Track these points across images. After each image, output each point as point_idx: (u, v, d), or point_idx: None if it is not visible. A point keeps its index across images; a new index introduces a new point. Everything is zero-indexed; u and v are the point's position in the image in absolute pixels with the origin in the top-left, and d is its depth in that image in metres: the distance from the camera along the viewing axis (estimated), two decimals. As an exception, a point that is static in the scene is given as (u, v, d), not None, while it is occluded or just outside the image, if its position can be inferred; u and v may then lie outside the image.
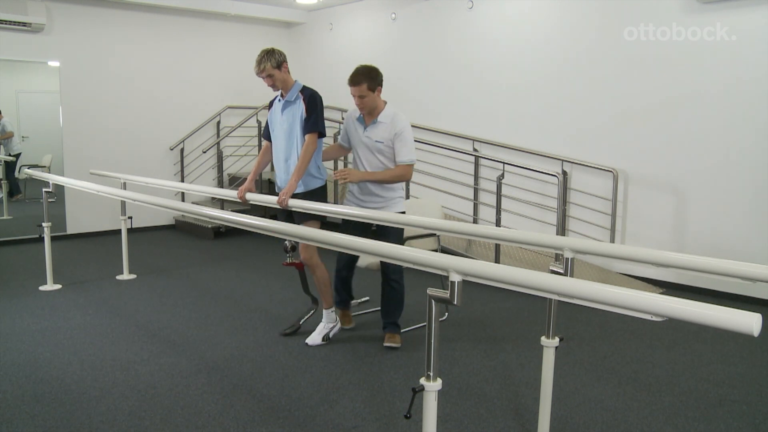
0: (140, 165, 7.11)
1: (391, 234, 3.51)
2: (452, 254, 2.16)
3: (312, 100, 3.50)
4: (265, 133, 3.78)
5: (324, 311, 3.72)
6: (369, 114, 3.58)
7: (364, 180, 3.51)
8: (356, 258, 3.78)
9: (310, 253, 3.59)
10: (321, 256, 3.63)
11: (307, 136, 3.47)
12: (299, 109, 3.50)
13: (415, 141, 5.98)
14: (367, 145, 3.56)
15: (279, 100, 3.61)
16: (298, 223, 3.41)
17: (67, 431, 2.64)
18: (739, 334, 1.32)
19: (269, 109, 3.72)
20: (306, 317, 3.89)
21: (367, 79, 3.49)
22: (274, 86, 3.53)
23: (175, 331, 3.93)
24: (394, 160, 3.52)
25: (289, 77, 3.54)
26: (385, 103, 3.63)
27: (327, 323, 3.70)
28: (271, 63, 3.44)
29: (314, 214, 3.43)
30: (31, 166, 7.01)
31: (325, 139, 3.67)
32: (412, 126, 6.50)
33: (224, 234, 7.12)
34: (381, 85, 3.57)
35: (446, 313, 4.17)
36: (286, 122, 3.54)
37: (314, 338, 3.67)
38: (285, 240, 3.46)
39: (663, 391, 3.08)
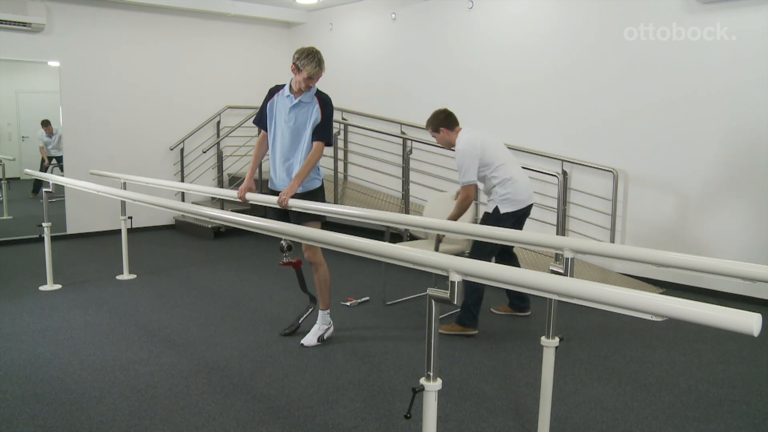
0: (140, 165, 7.11)
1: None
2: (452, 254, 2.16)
3: (328, 107, 3.48)
4: (259, 121, 3.66)
5: (320, 312, 3.71)
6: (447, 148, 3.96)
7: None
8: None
9: (314, 251, 3.59)
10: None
11: (316, 144, 3.45)
12: (313, 112, 3.45)
13: (415, 141, 6.05)
14: None
15: (288, 95, 3.51)
16: (298, 224, 3.40)
17: (67, 431, 2.64)
18: (739, 334, 1.32)
19: (269, 99, 3.61)
20: (305, 316, 3.89)
21: (429, 124, 3.88)
22: (308, 88, 3.45)
23: (175, 331, 3.93)
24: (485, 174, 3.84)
25: None
26: (459, 132, 3.83)
27: (322, 324, 3.70)
28: (323, 70, 3.42)
29: (315, 215, 3.42)
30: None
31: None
32: (413, 126, 6.53)
33: (224, 234, 7.12)
34: (444, 125, 3.82)
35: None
36: (293, 121, 3.49)
37: (309, 339, 3.66)
38: (281, 240, 3.46)
39: (663, 391, 3.08)
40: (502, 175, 3.76)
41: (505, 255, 4.20)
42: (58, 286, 4.93)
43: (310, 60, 3.37)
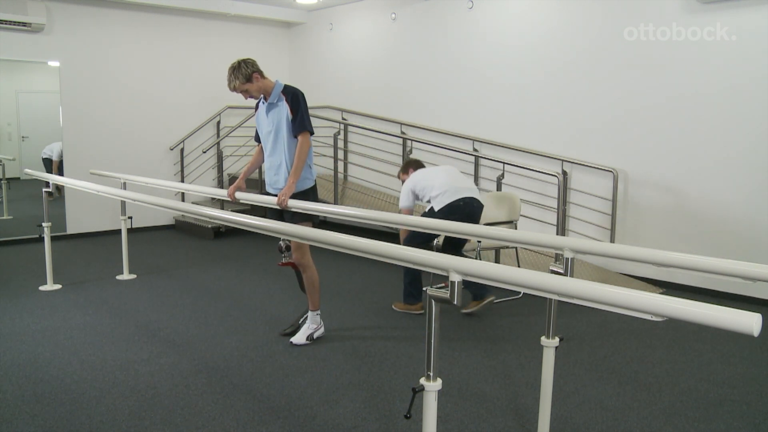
0: (140, 165, 7.11)
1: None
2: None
3: (295, 100, 3.48)
4: (256, 136, 3.80)
5: (309, 312, 3.73)
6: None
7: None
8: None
9: (302, 253, 3.61)
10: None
11: (299, 138, 3.48)
12: (284, 110, 3.50)
13: (415, 141, 6.10)
14: None
15: (263, 102, 3.60)
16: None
17: (67, 431, 2.64)
18: (739, 334, 1.32)
19: (256, 111, 3.72)
20: (305, 316, 3.89)
21: (401, 169, 4.60)
22: (252, 97, 3.54)
23: (175, 331, 3.93)
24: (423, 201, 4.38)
25: (266, 82, 3.50)
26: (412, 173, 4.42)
27: (311, 324, 3.72)
28: (240, 80, 3.41)
29: (307, 215, 3.45)
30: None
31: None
32: (413, 126, 6.54)
33: (224, 234, 7.12)
34: (413, 167, 4.46)
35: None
36: (272, 124, 3.56)
37: (298, 338, 3.68)
38: (280, 240, 3.49)
39: (663, 391, 3.08)
40: (432, 196, 4.19)
41: (451, 249, 4.27)
42: (58, 286, 4.93)
43: (227, 80, 3.47)
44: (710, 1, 4.51)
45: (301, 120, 3.47)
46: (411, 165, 4.50)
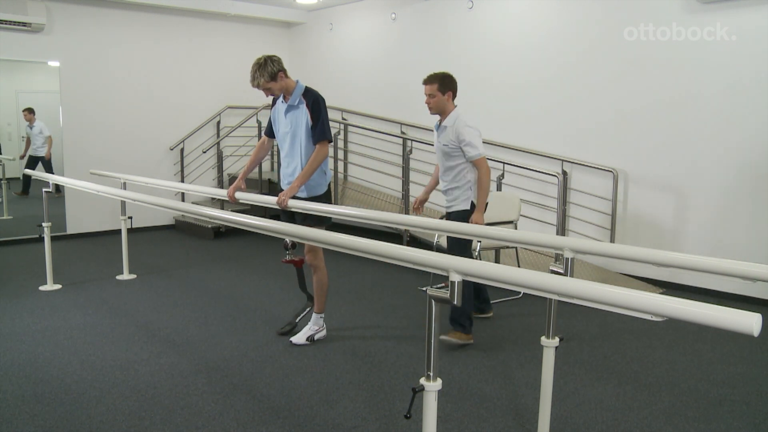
0: (140, 165, 7.11)
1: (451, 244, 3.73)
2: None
3: (316, 106, 3.45)
4: (267, 130, 3.75)
5: (313, 314, 3.73)
6: (440, 115, 3.76)
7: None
8: None
9: (314, 255, 3.60)
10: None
11: (317, 146, 3.45)
12: (303, 114, 3.46)
13: (415, 141, 6.04)
14: (441, 150, 3.71)
15: (282, 101, 3.55)
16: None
17: (66, 431, 2.64)
18: (739, 334, 1.32)
19: (272, 107, 3.68)
20: (302, 315, 3.89)
21: (438, 81, 3.71)
22: (273, 95, 3.50)
23: (175, 331, 3.93)
24: (462, 160, 3.63)
25: (288, 82, 3.46)
26: (455, 106, 3.75)
27: (313, 326, 3.72)
28: (265, 78, 3.37)
29: (319, 221, 3.43)
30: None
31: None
32: (413, 126, 6.52)
33: (224, 234, 7.12)
34: (453, 90, 3.72)
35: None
36: (290, 126, 3.52)
37: (299, 338, 3.68)
38: (285, 238, 3.48)
39: (663, 391, 3.08)
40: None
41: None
42: (58, 286, 4.92)
43: (251, 76, 3.42)
44: (710, 1, 4.51)
45: (321, 128, 3.44)
46: (453, 90, 3.74)
